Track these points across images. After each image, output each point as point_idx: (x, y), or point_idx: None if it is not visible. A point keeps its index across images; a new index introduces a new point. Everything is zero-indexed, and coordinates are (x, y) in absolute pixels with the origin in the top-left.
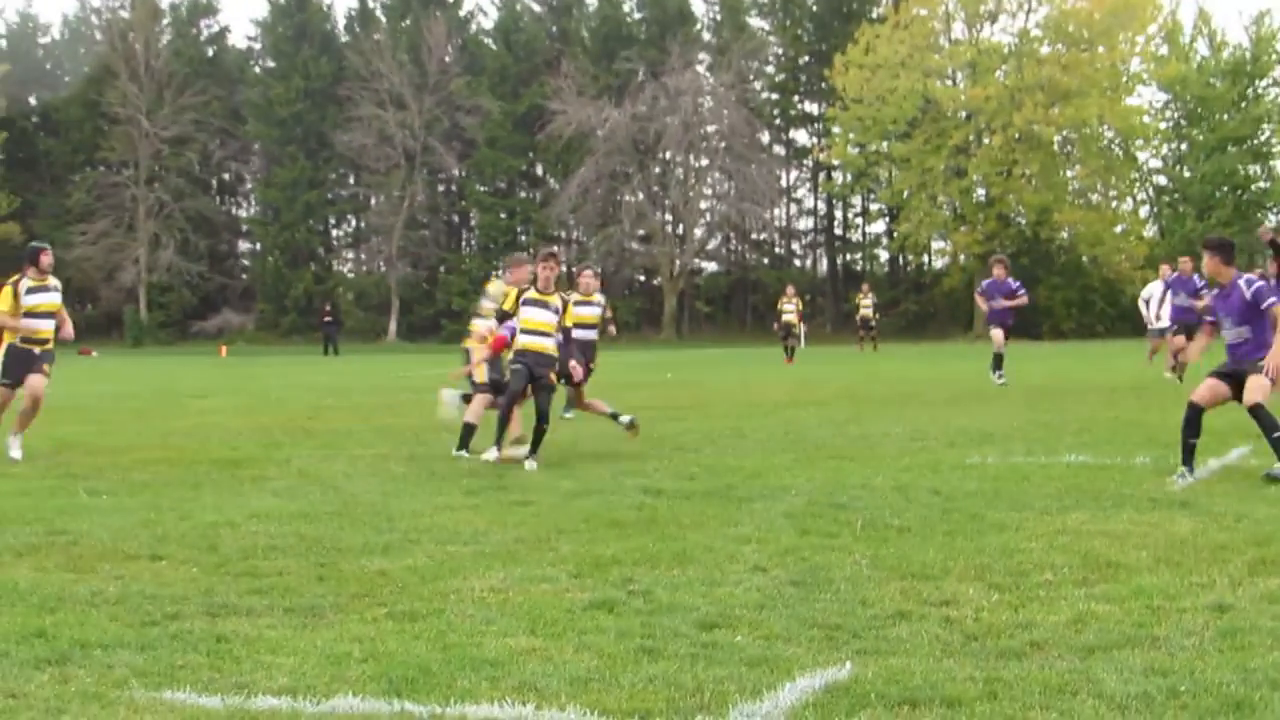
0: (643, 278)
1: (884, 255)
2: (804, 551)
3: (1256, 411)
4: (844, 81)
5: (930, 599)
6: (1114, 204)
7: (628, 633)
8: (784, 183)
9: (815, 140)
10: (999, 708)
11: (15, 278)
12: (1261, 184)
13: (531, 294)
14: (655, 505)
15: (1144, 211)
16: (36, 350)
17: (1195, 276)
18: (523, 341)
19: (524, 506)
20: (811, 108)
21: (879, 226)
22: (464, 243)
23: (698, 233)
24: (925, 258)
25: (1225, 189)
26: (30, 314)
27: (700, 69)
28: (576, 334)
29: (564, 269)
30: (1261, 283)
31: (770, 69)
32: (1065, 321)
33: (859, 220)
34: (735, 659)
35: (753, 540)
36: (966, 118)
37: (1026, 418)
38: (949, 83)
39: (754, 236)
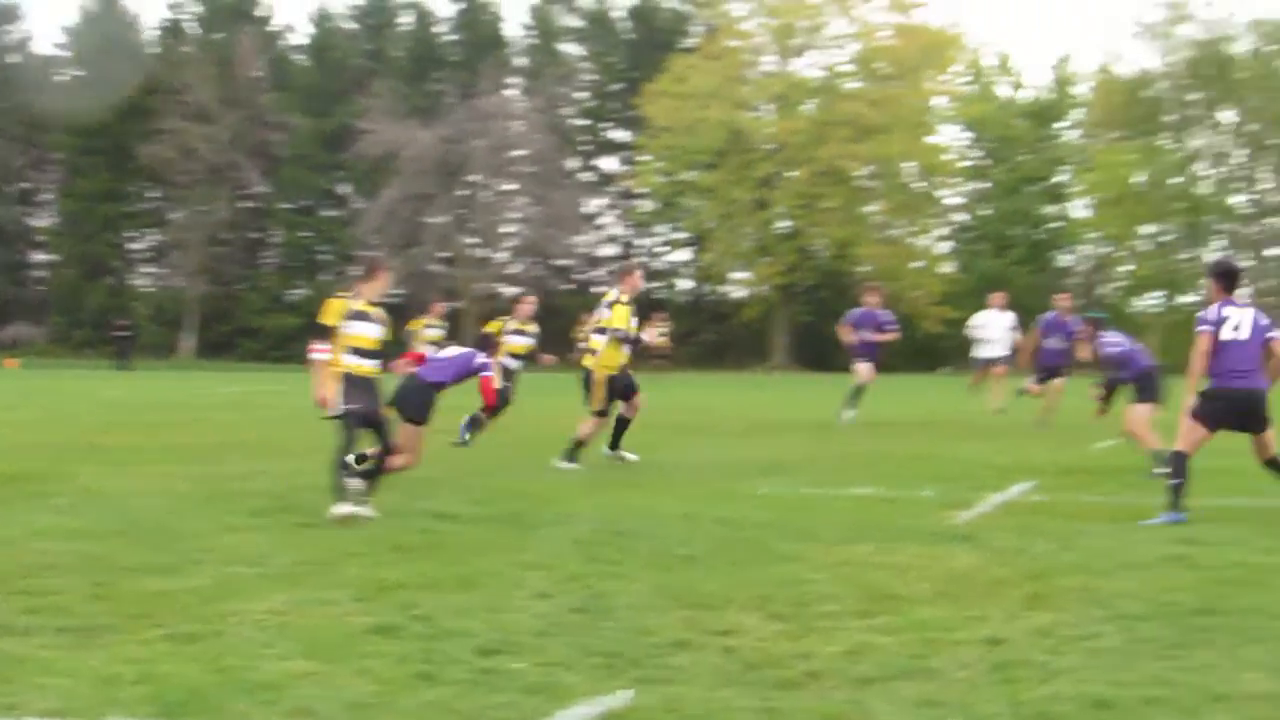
0: (445, 301)
1: (686, 284)
2: (589, 579)
3: None
4: (653, 110)
5: (711, 628)
6: (913, 240)
7: (407, 658)
8: (589, 209)
9: (622, 168)
10: None
11: None
12: (1056, 224)
13: (360, 305)
14: (442, 530)
15: (943, 248)
16: None
17: (1071, 319)
18: (351, 363)
19: (309, 529)
20: (620, 135)
21: (682, 255)
22: (265, 260)
23: (501, 257)
24: (726, 288)
25: (1022, 228)
26: None
27: (511, 93)
28: (507, 363)
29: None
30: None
31: (581, 95)
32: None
33: (662, 249)
34: (514, 685)
35: (538, 566)
36: (773, 150)
37: (817, 449)
38: (757, 115)
39: (557, 262)
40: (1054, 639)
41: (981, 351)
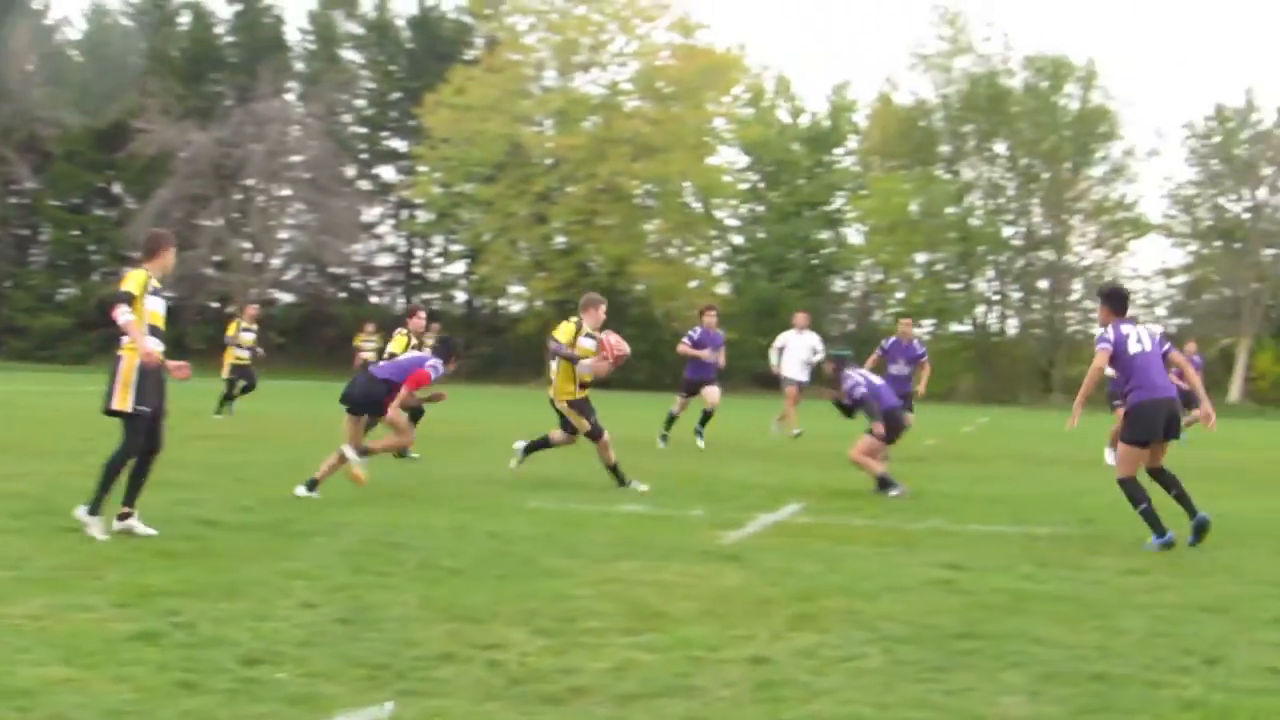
0: (217, 304)
1: (461, 297)
2: (356, 589)
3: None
4: (433, 120)
5: (477, 641)
6: (690, 260)
7: (168, 665)
8: (366, 218)
9: (401, 177)
10: None
11: None
12: (831, 249)
13: (156, 282)
14: (208, 536)
15: (719, 269)
16: None
17: (915, 343)
18: (153, 347)
19: (72, 533)
20: (399, 145)
21: (458, 268)
22: (34, 258)
23: (276, 263)
24: (503, 301)
25: (798, 252)
26: None
27: (290, 98)
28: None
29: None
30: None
31: (361, 103)
32: (636, 373)
33: (439, 260)
34: (276, 696)
35: (304, 576)
36: (552, 165)
37: (589, 466)
38: (537, 129)
39: (333, 270)
40: (818, 660)
41: (784, 371)
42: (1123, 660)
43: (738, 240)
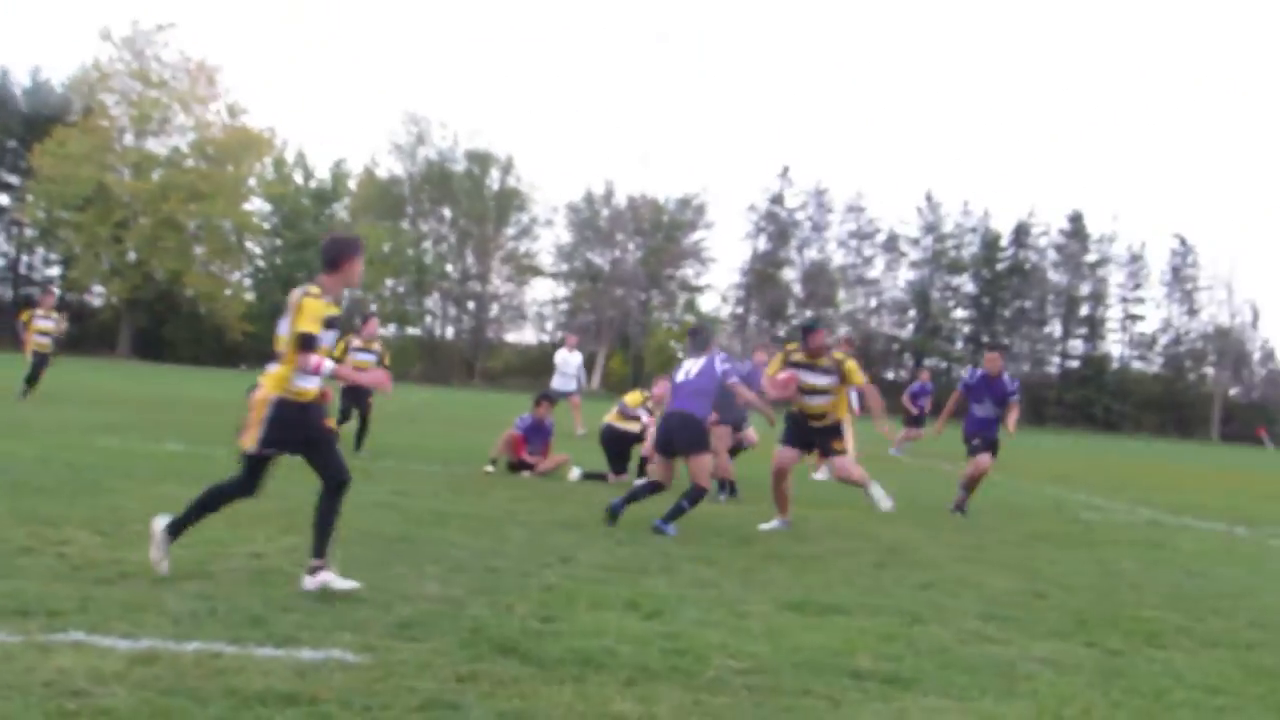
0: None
1: (57, 292)
2: None
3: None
4: (41, 163)
5: (51, 540)
6: (228, 274)
7: None
8: None
9: (13, 203)
10: (86, 618)
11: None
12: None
13: None
14: None
15: (248, 282)
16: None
17: (745, 361)
18: None
19: None
20: (13, 179)
21: (56, 270)
22: None
23: None
24: (89, 297)
25: (303, 273)
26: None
27: None
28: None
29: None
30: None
31: None
32: (181, 351)
33: (41, 265)
34: None
35: None
36: (128, 202)
37: (140, 415)
38: (118, 175)
39: None
40: (297, 554)
41: (555, 383)
42: (506, 558)
43: (261, 264)
